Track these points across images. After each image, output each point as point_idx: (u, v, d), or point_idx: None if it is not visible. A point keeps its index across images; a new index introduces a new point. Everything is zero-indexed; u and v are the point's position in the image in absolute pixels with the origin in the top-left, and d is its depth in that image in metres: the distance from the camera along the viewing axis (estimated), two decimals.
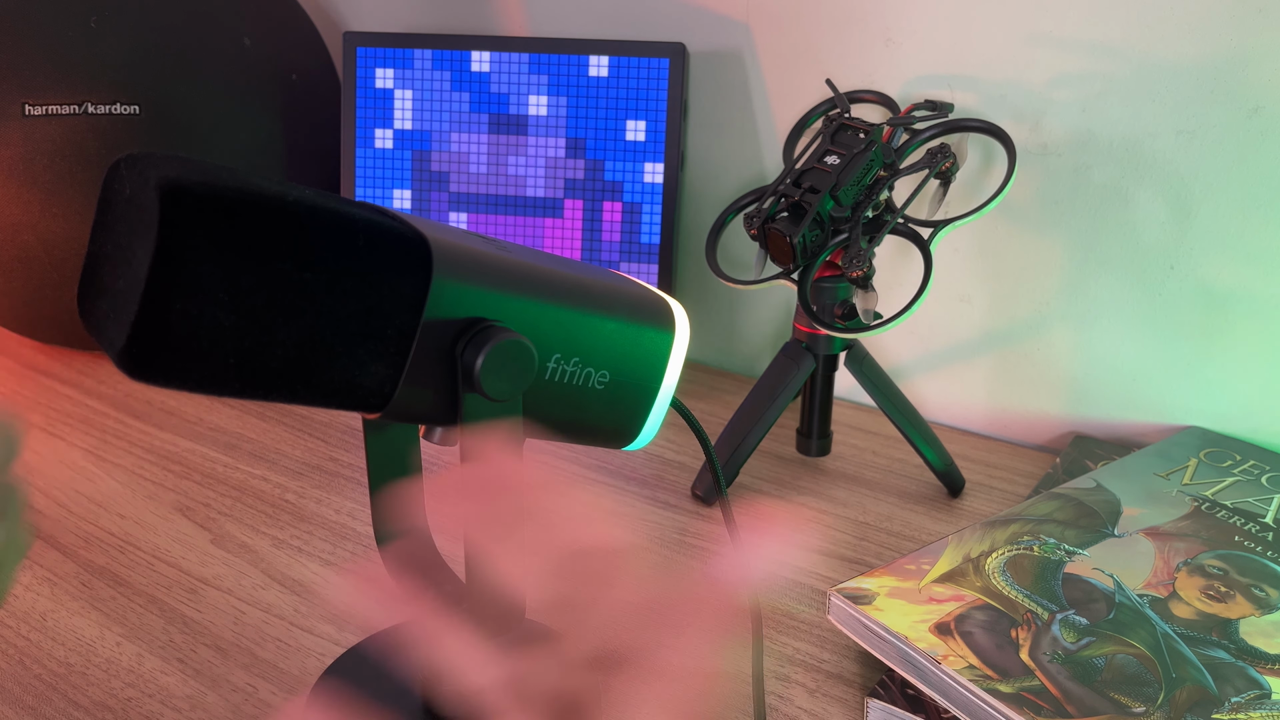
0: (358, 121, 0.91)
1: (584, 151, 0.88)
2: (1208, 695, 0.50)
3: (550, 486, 0.31)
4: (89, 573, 0.65)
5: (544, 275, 0.42)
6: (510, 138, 0.89)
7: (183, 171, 0.33)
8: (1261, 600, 0.57)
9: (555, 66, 0.88)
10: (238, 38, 0.90)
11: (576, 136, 0.88)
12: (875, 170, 0.67)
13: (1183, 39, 0.71)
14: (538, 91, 0.88)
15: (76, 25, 0.84)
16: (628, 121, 0.87)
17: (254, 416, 0.84)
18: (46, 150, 0.83)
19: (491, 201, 0.90)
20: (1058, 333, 0.80)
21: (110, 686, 0.56)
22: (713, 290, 0.95)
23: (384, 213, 0.38)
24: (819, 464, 0.79)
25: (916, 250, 0.68)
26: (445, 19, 1.00)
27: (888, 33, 0.80)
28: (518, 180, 0.89)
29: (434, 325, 0.38)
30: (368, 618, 0.29)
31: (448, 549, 0.68)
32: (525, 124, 0.89)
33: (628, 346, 0.44)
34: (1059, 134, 0.76)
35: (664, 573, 0.31)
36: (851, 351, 0.73)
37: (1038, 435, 0.83)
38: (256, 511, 0.72)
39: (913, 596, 0.56)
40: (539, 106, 0.88)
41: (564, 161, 0.88)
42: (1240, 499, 0.67)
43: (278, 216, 0.34)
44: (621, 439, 0.47)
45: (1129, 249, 0.76)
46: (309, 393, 0.37)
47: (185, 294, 0.33)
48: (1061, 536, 0.62)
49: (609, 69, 0.87)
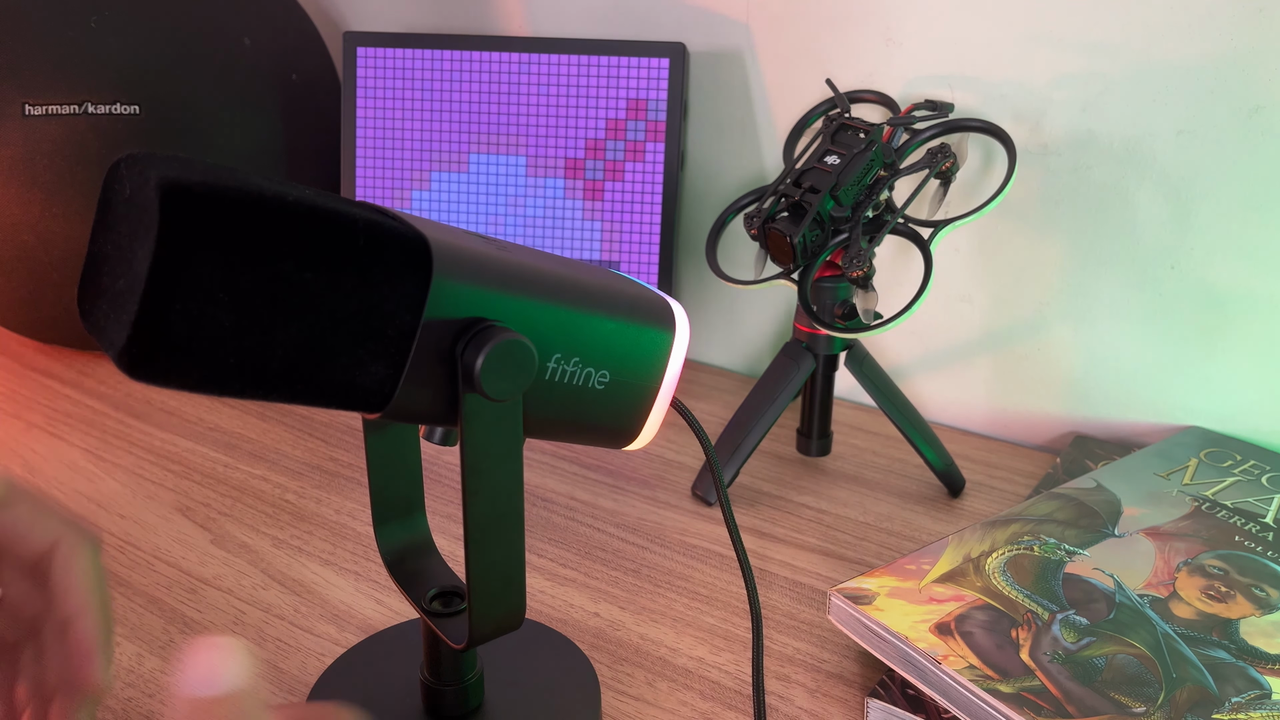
0: (358, 121, 0.91)
1: (584, 151, 0.88)
2: (1208, 695, 0.50)
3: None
4: None
5: (544, 275, 0.42)
6: (510, 138, 0.89)
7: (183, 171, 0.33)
8: (1262, 600, 0.57)
9: (555, 66, 0.88)
10: (238, 38, 0.90)
11: (576, 136, 0.88)
12: (875, 170, 0.67)
13: (1183, 39, 0.71)
14: (538, 91, 0.88)
15: (76, 25, 0.84)
16: (628, 121, 0.87)
17: (254, 416, 0.84)
18: (46, 150, 0.83)
19: (491, 201, 0.90)
20: (1058, 333, 0.80)
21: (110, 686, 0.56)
22: (713, 290, 0.95)
23: (384, 213, 0.38)
24: (819, 464, 0.79)
25: (916, 250, 0.68)
26: (445, 19, 1.00)
27: (888, 33, 0.80)
28: (518, 180, 0.89)
29: (434, 325, 0.38)
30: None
31: (448, 549, 0.68)
32: (525, 124, 0.89)
33: (628, 346, 0.44)
34: (1059, 134, 0.76)
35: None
36: (851, 351, 0.73)
37: (1038, 435, 0.83)
38: (256, 511, 0.72)
39: (913, 596, 0.56)
40: (539, 106, 0.88)
41: (564, 161, 0.88)
42: (1240, 499, 0.67)
43: (278, 216, 0.34)
44: (621, 439, 0.47)
45: (1129, 249, 0.76)
46: (309, 393, 0.37)
47: (185, 294, 0.33)
48: (1062, 536, 0.62)
49: (609, 69, 0.87)
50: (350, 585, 0.64)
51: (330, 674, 0.56)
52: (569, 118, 0.88)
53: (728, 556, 0.68)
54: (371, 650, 0.57)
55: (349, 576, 0.65)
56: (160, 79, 0.86)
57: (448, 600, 0.49)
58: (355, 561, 0.67)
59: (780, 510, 0.73)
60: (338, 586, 0.64)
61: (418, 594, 0.49)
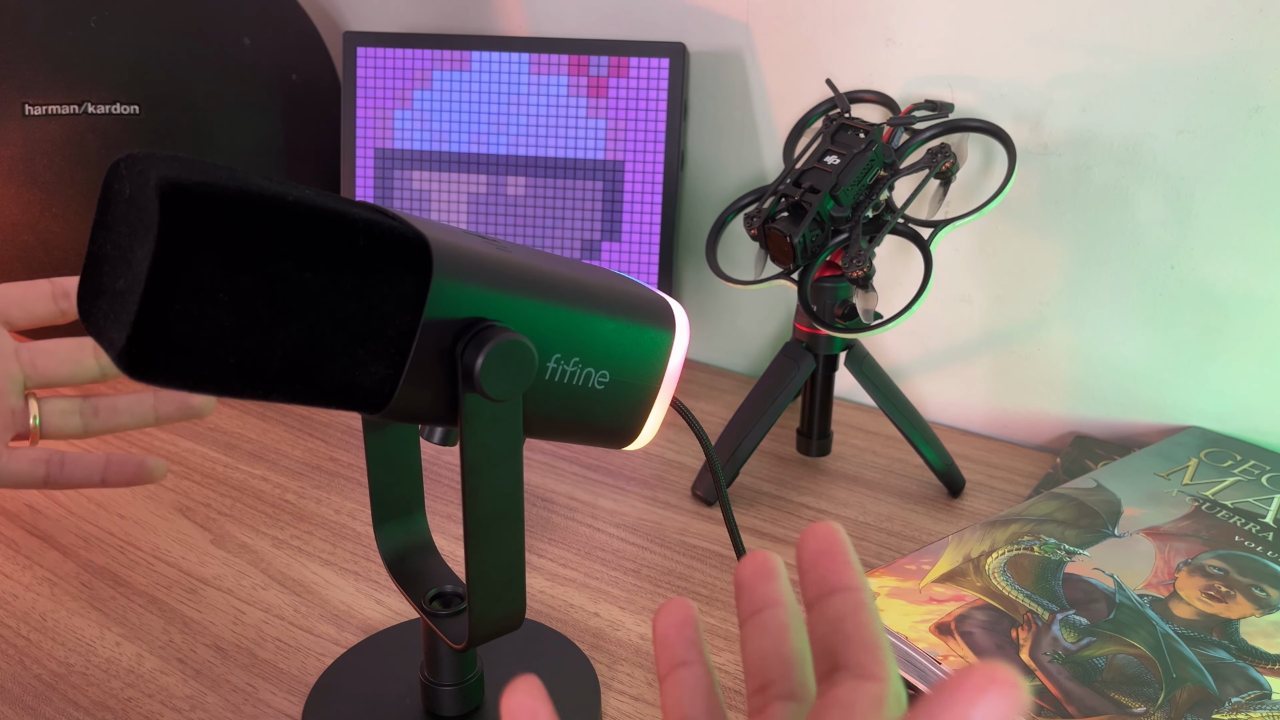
0: (358, 121, 0.91)
1: (584, 151, 0.88)
2: (1208, 695, 0.50)
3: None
4: (89, 573, 0.65)
5: (544, 275, 0.42)
6: (510, 138, 0.89)
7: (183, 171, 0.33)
8: (1262, 600, 0.57)
9: (555, 66, 0.88)
10: (238, 38, 0.90)
11: (576, 136, 0.88)
12: (875, 170, 0.67)
13: (1183, 39, 0.71)
14: (538, 91, 0.88)
15: (76, 25, 0.84)
16: (627, 121, 0.87)
17: (254, 416, 0.84)
18: (46, 150, 0.83)
19: (492, 202, 0.90)
20: (1058, 333, 0.80)
21: (110, 686, 0.56)
22: (713, 290, 0.95)
23: (384, 212, 0.38)
24: (819, 464, 0.79)
25: (916, 250, 0.68)
26: (445, 19, 1.00)
27: (888, 33, 0.80)
28: (517, 180, 0.89)
29: (434, 325, 0.38)
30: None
31: (448, 549, 0.68)
32: (525, 124, 0.89)
33: (628, 346, 0.44)
34: (1059, 134, 0.76)
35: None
36: (851, 351, 0.73)
37: (1038, 435, 0.83)
38: (256, 511, 0.72)
39: (913, 596, 0.56)
40: (539, 106, 0.88)
41: (564, 161, 0.88)
42: (1240, 499, 0.67)
43: (278, 216, 0.34)
44: (621, 439, 0.47)
45: (1129, 249, 0.76)
46: (309, 393, 0.37)
47: (185, 294, 0.33)
48: (1062, 536, 0.62)
49: (609, 69, 0.87)
50: (350, 585, 0.64)
51: (330, 674, 0.56)
52: (569, 117, 0.88)
53: (728, 556, 0.68)
54: (371, 650, 0.57)
55: (349, 576, 0.65)
56: (160, 79, 0.86)
57: (448, 600, 0.49)
58: (355, 561, 0.67)
59: (780, 510, 0.73)
60: (338, 586, 0.64)
61: (417, 594, 0.49)
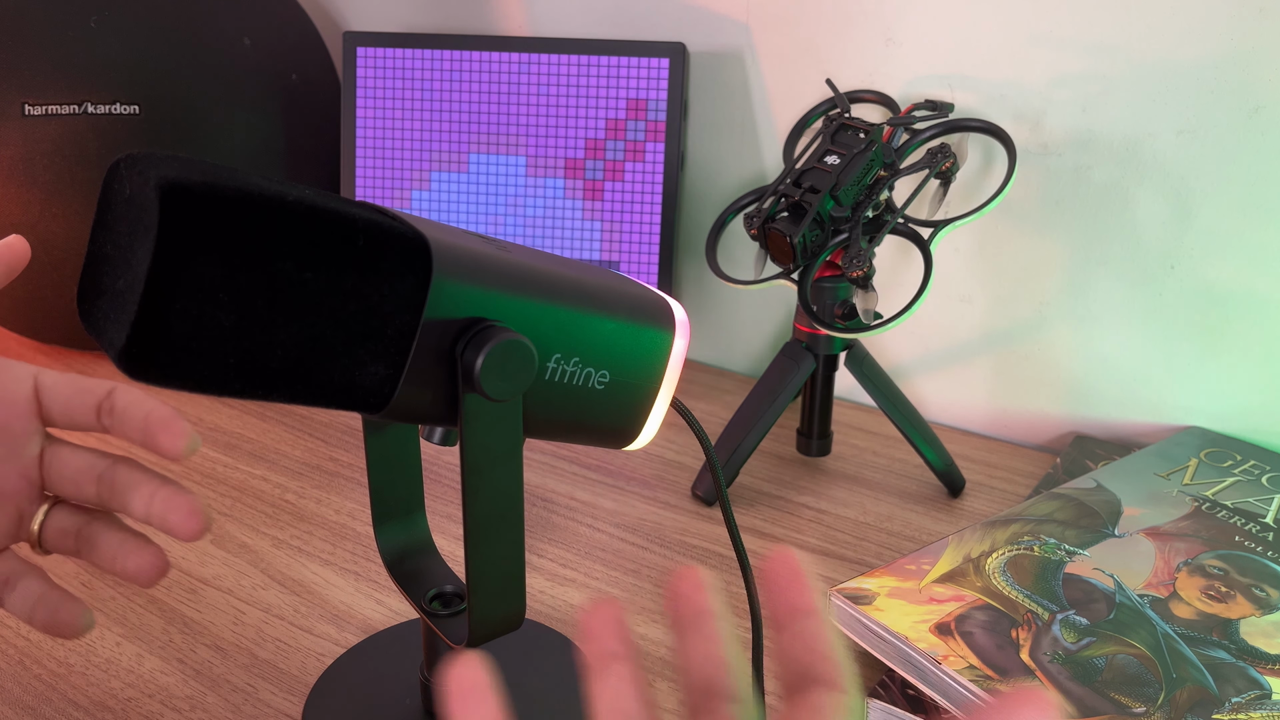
0: (358, 121, 0.91)
1: (583, 151, 0.88)
2: (1208, 695, 0.50)
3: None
4: (89, 573, 0.65)
5: (544, 275, 0.42)
6: (510, 138, 0.89)
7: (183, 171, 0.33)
8: (1262, 600, 0.57)
9: (555, 66, 0.88)
10: (238, 38, 0.90)
11: (576, 136, 0.88)
12: (875, 170, 0.67)
13: (1183, 39, 0.71)
14: (537, 91, 0.88)
15: (76, 25, 0.84)
16: (628, 122, 0.87)
17: (254, 416, 0.84)
18: (46, 150, 0.83)
19: (491, 202, 0.90)
20: (1058, 333, 0.80)
21: (110, 686, 0.56)
22: (713, 290, 0.95)
23: (384, 212, 0.38)
24: (819, 464, 0.79)
25: (916, 250, 0.68)
26: (445, 19, 1.00)
27: (888, 33, 0.80)
28: (518, 180, 0.89)
29: (434, 325, 0.38)
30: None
31: (448, 549, 0.68)
32: (525, 124, 0.89)
33: (628, 347, 0.44)
34: (1059, 134, 0.76)
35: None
36: (851, 351, 0.73)
37: (1038, 435, 0.83)
38: (256, 511, 0.72)
39: (913, 596, 0.56)
40: (539, 106, 0.88)
41: (564, 161, 0.88)
42: (1240, 499, 0.67)
43: (278, 216, 0.34)
44: (622, 439, 0.47)
45: (1129, 249, 0.76)
46: (309, 393, 0.37)
47: (185, 294, 0.33)
48: (1062, 536, 0.62)
49: (609, 69, 0.87)
50: (350, 585, 0.64)
51: (330, 674, 0.56)
52: (569, 118, 0.88)
53: (728, 556, 0.68)
54: (371, 650, 0.57)
55: (349, 576, 0.65)
56: (160, 79, 0.86)
57: (448, 600, 0.49)
58: (355, 561, 0.66)
59: (780, 510, 0.73)
60: (338, 586, 0.64)
61: (417, 594, 0.49)
